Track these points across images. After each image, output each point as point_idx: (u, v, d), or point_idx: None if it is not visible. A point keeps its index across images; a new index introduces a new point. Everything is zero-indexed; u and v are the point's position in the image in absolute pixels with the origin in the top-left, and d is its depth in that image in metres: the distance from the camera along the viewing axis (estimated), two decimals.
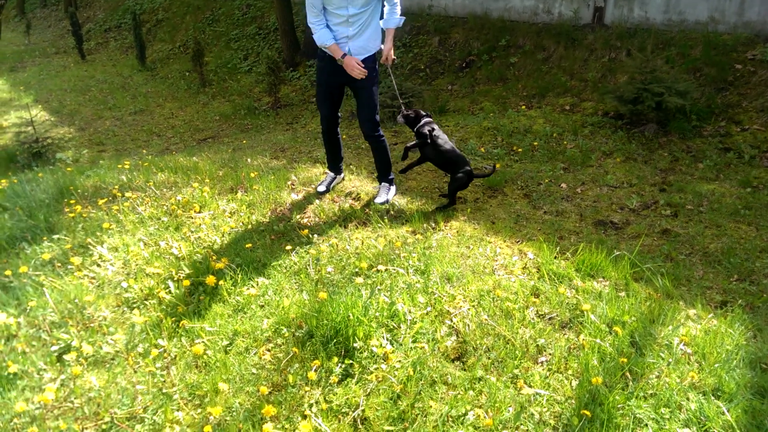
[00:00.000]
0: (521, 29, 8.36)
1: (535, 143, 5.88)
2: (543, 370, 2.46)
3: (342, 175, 4.56)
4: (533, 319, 2.78)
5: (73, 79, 12.60)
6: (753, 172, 4.91)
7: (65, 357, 2.52)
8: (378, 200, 4.15)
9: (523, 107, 7.03)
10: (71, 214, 3.83)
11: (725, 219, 4.17)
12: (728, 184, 4.78)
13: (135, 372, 2.46)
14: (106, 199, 4.07)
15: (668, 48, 6.81)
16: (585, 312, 2.76)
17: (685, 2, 6.96)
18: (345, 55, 3.69)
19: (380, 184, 4.30)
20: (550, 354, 2.55)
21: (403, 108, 4.24)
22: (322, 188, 4.33)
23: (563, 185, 4.91)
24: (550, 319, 2.78)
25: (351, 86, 3.91)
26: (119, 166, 5.04)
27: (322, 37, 3.68)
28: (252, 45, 11.79)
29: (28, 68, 13.97)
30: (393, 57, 3.95)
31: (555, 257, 3.35)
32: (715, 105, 5.93)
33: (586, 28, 7.81)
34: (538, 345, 2.59)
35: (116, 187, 4.31)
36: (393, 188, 4.30)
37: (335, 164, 4.41)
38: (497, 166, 4.41)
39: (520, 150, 5.78)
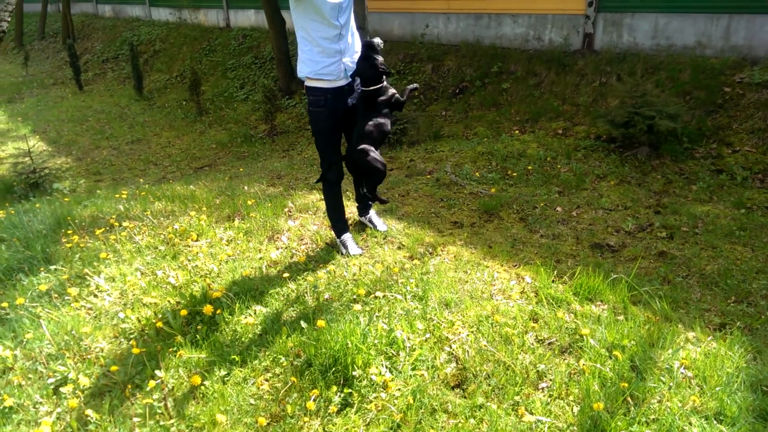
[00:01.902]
0: (513, 56, 8.51)
1: (530, 167, 5.93)
2: (544, 396, 2.45)
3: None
4: (533, 344, 2.77)
5: (71, 110, 12.68)
6: (746, 193, 4.96)
7: (62, 389, 2.49)
8: (383, 228, 4.10)
9: (517, 132, 7.11)
10: (68, 245, 3.82)
11: (721, 240, 4.20)
12: (722, 205, 4.83)
13: (132, 404, 2.43)
14: (103, 229, 4.07)
15: (657, 72, 6.94)
16: (584, 336, 2.76)
17: (672, 28, 7.11)
18: None
19: (371, 211, 4.15)
20: (550, 380, 2.53)
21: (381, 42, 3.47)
22: (359, 250, 3.77)
23: (558, 209, 4.95)
24: (549, 344, 2.78)
25: (349, 121, 3.60)
26: (116, 195, 5.05)
27: None
28: (248, 74, 11.93)
29: (26, 99, 14.07)
30: None
31: (552, 281, 3.35)
32: (705, 127, 6.01)
33: (576, 54, 7.96)
34: (538, 371, 2.58)
35: (113, 216, 4.31)
36: None
37: (344, 217, 3.88)
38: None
39: (514, 174, 5.84)
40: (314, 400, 2.40)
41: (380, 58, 3.41)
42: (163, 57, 14.61)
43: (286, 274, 3.43)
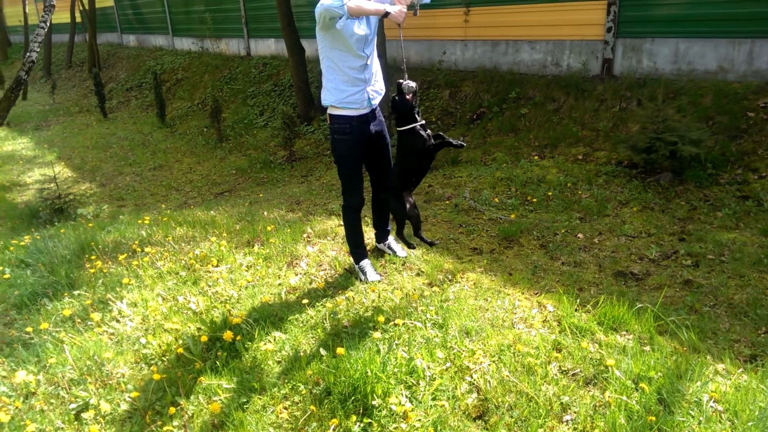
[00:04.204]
0: (531, 81, 8.53)
1: (550, 193, 5.89)
2: (568, 429, 2.38)
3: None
4: (556, 375, 2.71)
5: (95, 137, 12.98)
6: None
7: (83, 415, 2.50)
8: (402, 254, 4.08)
9: (536, 157, 7.09)
10: (92, 270, 3.87)
11: (748, 269, 4.10)
12: (749, 232, 4.73)
13: (152, 431, 2.42)
14: (125, 254, 4.11)
15: (678, 97, 6.89)
16: (609, 367, 2.69)
17: (693, 53, 7.08)
18: (386, 11, 3.10)
19: (389, 237, 4.14)
20: (575, 412, 2.47)
21: (408, 82, 3.43)
22: (378, 276, 3.76)
23: (580, 235, 4.89)
24: (573, 375, 2.72)
25: (372, 149, 3.62)
26: (139, 221, 5.12)
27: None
28: (268, 101, 12.13)
29: (53, 126, 14.44)
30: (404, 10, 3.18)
31: (576, 310, 3.29)
32: (729, 153, 5.93)
33: (595, 80, 7.95)
34: (562, 403, 2.52)
35: (136, 242, 4.37)
36: None
37: (363, 243, 3.90)
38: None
39: (534, 200, 5.80)
40: (333, 430, 2.37)
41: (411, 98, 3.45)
42: (185, 85, 14.94)
43: (305, 301, 3.43)
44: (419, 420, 2.43)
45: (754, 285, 3.86)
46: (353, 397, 2.52)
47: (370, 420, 2.43)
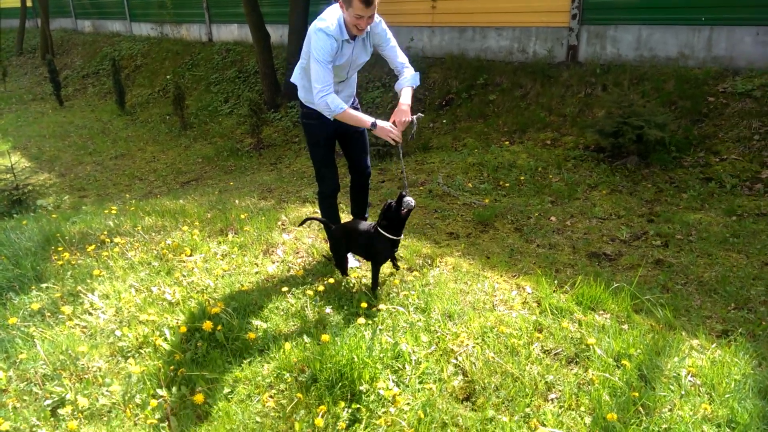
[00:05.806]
0: (498, 68, 8.58)
1: (521, 177, 5.96)
2: (554, 407, 2.42)
3: None
4: (539, 354, 2.75)
5: (52, 126, 12.47)
6: (736, 200, 5.03)
7: (60, 411, 2.41)
8: None
9: (506, 143, 7.15)
10: (59, 262, 3.72)
11: (715, 248, 4.24)
12: (714, 213, 4.89)
13: (134, 425, 2.35)
14: (94, 246, 3.97)
15: (642, 83, 7.04)
16: (591, 346, 2.74)
17: (655, 39, 7.24)
18: (374, 122, 3.18)
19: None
20: (560, 390, 2.51)
21: (410, 199, 3.37)
22: (356, 263, 3.76)
23: (553, 218, 4.97)
24: (556, 354, 2.76)
25: (346, 134, 3.58)
26: (105, 211, 4.94)
27: (336, 103, 3.10)
28: (232, 88, 11.86)
29: (5, 115, 13.79)
30: (415, 120, 3.32)
31: (554, 291, 3.34)
32: (692, 136, 6.11)
33: (561, 66, 8.05)
34: (546, 382, 2.56)
35: (104, 232, 4.22)
36: None
37: None
38: None
39: (506, 185, 5.85)
40: (322, 417, 2.35)
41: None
42: (145, 72, 14.48)
43: (284, 288, 3.38)
44: (408, 404, 2.43)
45: (721, 263, 3.99)
46: (340, 384, 2.50)
47: (358, 405, 2.42)
